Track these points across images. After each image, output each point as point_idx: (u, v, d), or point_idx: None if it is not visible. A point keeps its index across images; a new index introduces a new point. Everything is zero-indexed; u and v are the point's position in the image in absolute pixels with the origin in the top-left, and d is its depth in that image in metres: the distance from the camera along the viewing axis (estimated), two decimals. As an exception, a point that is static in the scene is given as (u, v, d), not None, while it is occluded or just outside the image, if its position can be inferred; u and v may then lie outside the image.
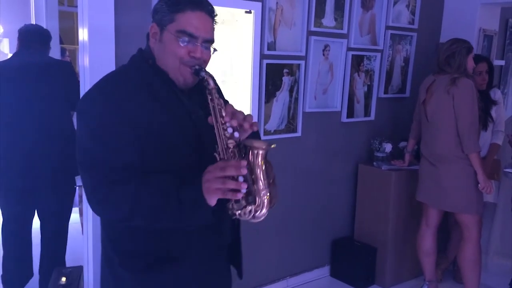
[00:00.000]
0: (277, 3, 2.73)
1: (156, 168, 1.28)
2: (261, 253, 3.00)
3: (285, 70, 2.85)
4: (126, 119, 1.25)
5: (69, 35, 5.23)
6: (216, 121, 1.25)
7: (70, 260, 3.13)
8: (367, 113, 3.37)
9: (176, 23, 1.30)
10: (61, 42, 4.42)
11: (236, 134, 1.25)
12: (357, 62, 3.22)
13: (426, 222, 3.01)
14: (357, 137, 3.38)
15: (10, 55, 4.21)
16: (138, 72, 1.34)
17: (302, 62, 2.92)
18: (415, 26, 3.50)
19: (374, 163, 3.30)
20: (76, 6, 2.28)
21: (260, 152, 1.22)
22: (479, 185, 2.74)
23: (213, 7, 1.37)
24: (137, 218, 1.26)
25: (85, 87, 2.21)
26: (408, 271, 3.36)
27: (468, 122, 2.69)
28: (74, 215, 3.34)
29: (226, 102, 1.49)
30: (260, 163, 1.23)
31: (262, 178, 1.22)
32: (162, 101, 1.31)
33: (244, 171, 1.17)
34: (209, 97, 1.27)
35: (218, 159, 1.24)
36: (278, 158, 2.96)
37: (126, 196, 1.23)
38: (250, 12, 2.55)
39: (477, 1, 3.49)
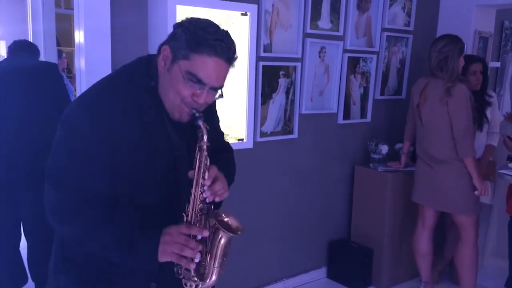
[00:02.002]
0: (273, 5, 2.74)
1: (123, 195, 1.26)
2: (258, 255, 3.00)
3: (281, 72, 2.86)
4: (107, 144, 1.20)
5: (66, 37, 5.23)
6: (197, 181, 1.25)
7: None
8: (363, 114, 3.38)
9: (189, 62, 1.20)
10: (58, 44, 4.42)
11: (208, 199, 1.27)
12: (353, 64, 3.23)
13: (422, 223, 3.02)
14: (354, 139, 3.39)
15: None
16: (136, 90, 1.26)
17: (298, 64, 2.93)
18: (411, 28, 3.51)
19: (371, 164, 3.31)
20: (73, 9, 2.28)
21: (226, 237, 1.26)
22: (476, 191, 2.74)
23: (234, 53, 1.26)
24: (87, 247, 1.27)
25: (81, 88, 2.22)
26: (405, 272, 3.37)
27: (463, 128, 2.69)
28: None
29: (218, 122, 1.49)
30: (221, 243, 1.27)
31: (218, 256, 1.27)
32: (149, 129, 1.25)
33: (200, 247, 1.21)
34: (198, 152, 1.25)
35: (184, 219, 1.26)
36: (274, 160, 2.97)
37: (83, 226, 1.23)
38: (246, 14, 2.55)
39: (473, 3, 3.51)
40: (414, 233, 3.09)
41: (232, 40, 1.26)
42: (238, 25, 2.58)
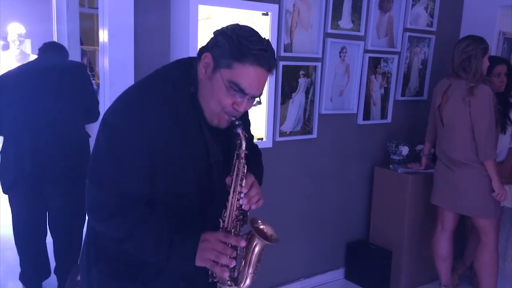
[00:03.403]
0: (294, 5, 2.74)
1: (161, 198, 1.28)
2: (276, 254, 3.00)
3: (301, 72, 2.86)
4: (148, 149, 1.22)
5: (88, 36, 5.31)
6: (234, 188, 1.28)
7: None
8: (383, 115, 3.36)
9: (232, 71, 1.21)
10: (81, 43, 4.49)
11: (245, 207, 1.29)
12: (374, 64, 3.21)
13: (442, 226, 2.99)
14: (373, 140, 3.37)
15: (32, 56, 4.30)
16: (176, 96, 1.27)
17: (319, 64, 2.92)
18: (434, 29, 3.47)
19: (390, 166, 3.29)
20: (96, 8, 2.33)
21: (261, 244, 1.29)
22: (494, 192, 2.70)
23: (275, 62, 1.27)
24: (126, 246, 1.28)
25: (104, 87, 2.26)
26: (424, 275, 3.33)
27: (485, 129, 2.65)
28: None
29: (248, 126, 1.51)
30: (256, 251, 1.29)
31: (253, 263, 1.30)
32: (187, 135, 1.27)
33: (234, 255, 1.23)
34: (236, 160, 1.28)
35: (221, 225, 1.29)
36: (293, 160, 2.97)
37: (123, 227, 1.25)
38: (267, 14, 2.56)
39: (497, 3, 3.45)
40: (433, 235, 3.05)
41: (273, 48, 1.26)
42: (258, 25, 2.59)
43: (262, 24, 2.58)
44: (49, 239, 3.05)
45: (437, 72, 3.52)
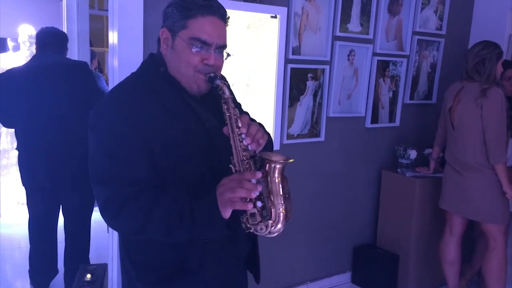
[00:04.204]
0: (302, 8, 2.74)
1: (170, 180, 1.27)
2: (282, 257, 3.00)
3: (309, 75, 2.86)
4: (138, 132, 1.23)
5: (98, 38, 5.35)
6: (232, 132, 1.24)
7: (95, 257, 3.20)
8: (392, 119, 3.35)
9: (188, 29, 1.27)
10: (90, 45, 4.52)
11: (250, 147, 1.23)
12: (383, 67, 3.21)
13: (450, 231, 2.97)
14: (381, 143, 3.36)
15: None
16: (149, 80, 1.31)
17: (327, 67, 2.92)
18: (443, 32, 3.46)
19: (398, 169, 3.27)
20: (106, 10, 2.34)
21: (277, 166, 1.21)
22: (507, 194, 2.68)
23: (225, 11, 1.33)
24: (150, 233, 1.25)
25: (113, 88, 2.27)
26: (431, 279, 3.31)
27: (496, 133, 2.64)
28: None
29: (239, 106, 1.49)
30: (276, 177, 1.21)
31: (278, 192, 1.20)
32: (174, 111, 1.28)
33: (259, 187, 1.15)
34: (225, 107, 1.25)
35: (233, 170, 1.23)
36: (300, 163, 2.97)
37: (139, 212, 1.22)
38: (275, 17, 2.57)
39: (507, 7, 3.43)
40: (441, 240, 3.03)
41: (218, 1, 1.32)
42: (267, 28, 2.60)
43: (271, 27, 2.59)
44: (59, 239, 3.09)
45: (446, 76, 3.50)
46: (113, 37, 2.24)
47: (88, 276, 2.55)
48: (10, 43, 4.71)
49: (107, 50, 5.00)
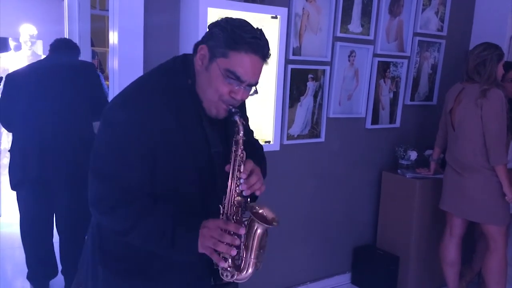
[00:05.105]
0: (303, 8, 2.74)
1: (162, 192, 1.30)
2: (282, 258, 3.00)
3: (310, 75, 2.86)
4: (147, 140, 1.25)
5: (99, 38, 5.35)
6: (233, 174, 1.28)
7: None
8: (392, 120, 3.34)
9: (228, 60, 1.25)
10: (92, 45, 4.53)
11: (245, 193, 1.28)
12: (383, 68, 3.20)
13: (450, 232, 2.97)
14: (382, 144, 3.36)
15: (43, 56, 4.34)
16: (174, 88, 1.31)
17: (327, 68, 2.92)
18: (444, 33, 3.45)
19: (399, 170, 3.27)
20: (107, 10, 2.35)
21: (261, 228, 1.27)
22: (506, 196, 2.68)
23: (269, 50, 1.31)
24: (130, 239, 1.29)
25: (114, 89, 2.27)
26: (431, 281, 3.31)
27: (496, 134, 2.64)
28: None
29: (247, 121, 1.50)
30: (257, 235, 1.27)
31: (254, 248, 1.27)
32: (185, 126, 1.30)
33: (237, 242, 1.22)
34: (234, 147, 1.29)
35: (221, 211, 1.28)
36: (301, 164, 2.97)
37: (127, 218, 1.26)
38: (276, 17, 2.57)
39: (508, 8, 3.43)
40: (441, 241, 3.03)
41: (266, 38, 1.30)
42: (267, 28, 2.60)
43: (271, 27, 2.59)
44: (55, 239, 3.08)
45: (447, 77, 3.50)
46: (113, 37, 2.24)
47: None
48: (11, 43, 4.73)
49: (108, 50, 5.01)
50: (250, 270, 1.27)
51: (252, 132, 1.61)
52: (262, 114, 2.71)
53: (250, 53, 1.25)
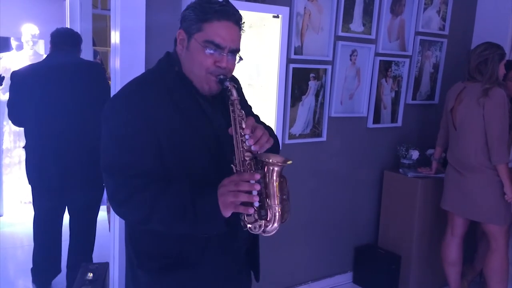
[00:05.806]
0: (305, 8, 2.74)
1: (176, 174, 1.31)
2: (284, 257, 3.00)
3: (311, 75, 2.86)
4: (148, 126, 1.28)
5: (101, 38, 5.36)
6: (236, 133, 1.28)
7: (97, 256, 3.20)
8: (394, 119, 3.34)
9: (203, 32, 1.31)
10: (93, 44, 4.53)
11: (254, 148, 1.27)
12: (385, 67, 3.20)
13: (452, 231, 2.96)
14: (383, 143, 3.36)
15: (45, 56, 4.35)
16: (163, 78, 1.36)
17: (329, 67, 2.92)
18: (446, 32, 3.45)
19: (400, 170, 3.27)
20: (109, 9, 2.35)
21: (275, 168, 1.26)
22: (506, 195, 2.68)
23: (240, 16, 1.38)
24: (154, 224, 1.30)
25: (115, 88, 2.27)
26: (433, 280, 3.31)
27: (498, 133, 2.63)
28: (102, 213, 3.42)
29: (249, 109, 1.54)
30: (274, 179, 1.26)
31: (275, 194, 1.25)
32: (184, 109, 1.33)
33: (257, 187, 1.20)
34: (231, 108, 1.30)
35: (234, 170, 1.27)
36: (302, 163, 2.97)
37: (144, 202, 1.27)
38: (277, 16, 2.57)
39: (510, 8, 3.42)
40: (443, 241, 3.03)
41: (233, 5, 1.37)
42: (269, 27, 2.60)
43: (273, 26, 2.59)
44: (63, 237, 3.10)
45: (448, 76, 3.49)
46: (115, 37, 2.24)
47: (90, 274, 2.56)
48: (13, 43, 4.73)
49: (110, 50, 5.01)
50: (277, 216, 1.24)
51: (258, 116, 1.62)
52: (264, 113, 2.71)
53: (222, 20, 1.31)
